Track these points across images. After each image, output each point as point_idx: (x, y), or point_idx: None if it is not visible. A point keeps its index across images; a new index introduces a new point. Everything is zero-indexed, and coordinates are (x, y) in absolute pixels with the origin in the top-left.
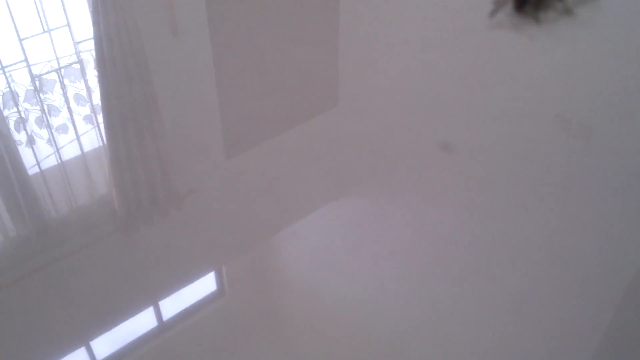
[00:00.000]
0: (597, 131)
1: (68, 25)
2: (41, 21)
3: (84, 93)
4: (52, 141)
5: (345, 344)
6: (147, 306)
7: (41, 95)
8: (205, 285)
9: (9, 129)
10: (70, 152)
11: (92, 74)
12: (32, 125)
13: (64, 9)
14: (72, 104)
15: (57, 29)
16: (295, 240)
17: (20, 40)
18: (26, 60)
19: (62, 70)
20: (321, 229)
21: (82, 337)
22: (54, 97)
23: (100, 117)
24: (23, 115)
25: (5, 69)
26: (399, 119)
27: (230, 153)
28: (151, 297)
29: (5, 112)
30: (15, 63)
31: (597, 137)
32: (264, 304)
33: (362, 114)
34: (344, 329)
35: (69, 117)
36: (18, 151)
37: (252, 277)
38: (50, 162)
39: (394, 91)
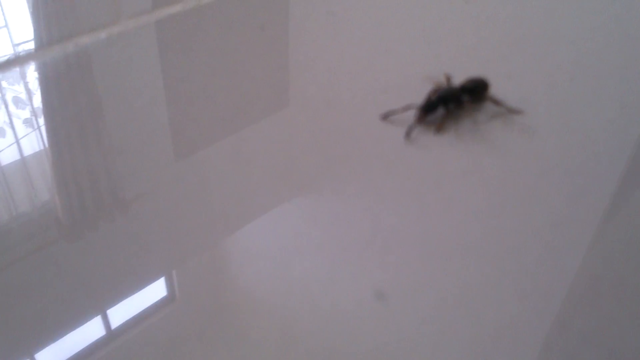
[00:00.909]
0: (540, 130)
1: (6, 26)
2: None
3: (24, 96)
4: None
5: (301, 349)
6: (94, 315)
7: None
8: (155, 290)
9: None
10: (9, 156)
11: (33, 76)
12: None
13: (2, 10)
14: (11, 107)
15: None
16: (248, 242)
17: None
18: None
19: (0, 72)
20: (274, 231)
21: (27, 349)
22: None
23: (41, 121)
24: None
25: None
26: (351, 119)
27: (179, 155)
28: (99, 305)
29: None
30: None
31: (540, 135)
32: (217, 308)
33: (314, 114)
34: (299, 333)
35: (8, 120)
36: None
37: (203, 281)
38: None
39: (346, 91)
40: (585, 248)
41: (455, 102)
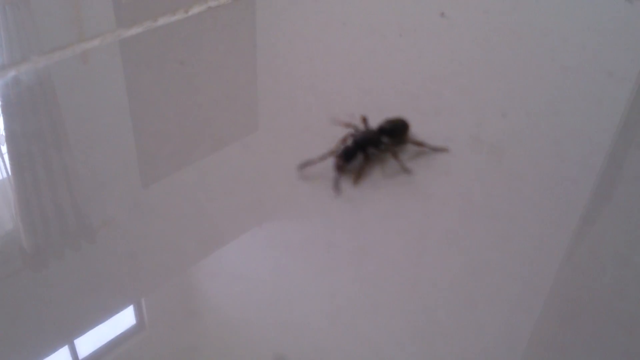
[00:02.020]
0: (507, 153)
1: None
2: None
3: None
4: None
5: None
6: (61, 345)
7: None
8: (123, 319)
9: None
10: None
11: None
12: None
13: None
14: None
15: None
16: (219, 268)
17: None
18: None
19: None
20: (245, 256)
21: None
22: None
23: (4, 148)
24: None
25: None
26: (320, 142)
27: (147, 181)
28: (65, 335)
29: None
30: None
31: (508, 158)
32: (187, 337)
33: (283, 138)
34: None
35: None
36: None
37: (173, 309)
38: None
39: (314, 115)
40: (505, 297)
41: (374, 146)
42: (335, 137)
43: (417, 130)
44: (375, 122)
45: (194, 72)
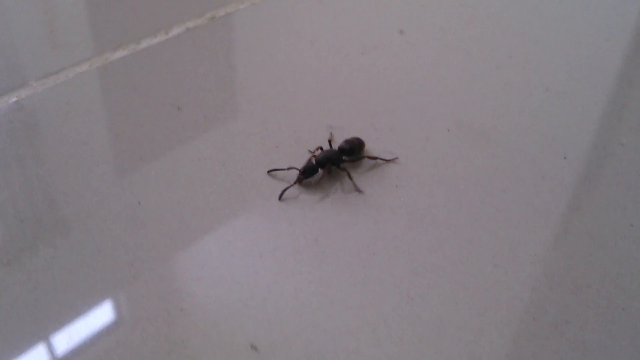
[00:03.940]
0: (449, 166)
1: None
2: None
3: None
4: None
5: None
6: (37, 343)
7: None
8: (102, 315)
9: None
10: None
11: None
12: None
13: None
14: None
15: None
16: (199, 260)
17: None
18: None
19: None
20: (224, 248)
21: None
22: None
23: None
24: None
25: None
26: (289, 160)
27: (122, 172)
28: (41, 333)
29: None
30: None
31: (449, 170)
32: (168, 331)
33: (263, 126)
34: (256, 356)
35: None
36: None
37: (153, 303)
38: None
39: (294, 103)
40: (438, 293)
41: (335, 164)
42: (302, 155)
43: (372, 146)
44: (338, 139)
45: (174, 95)
